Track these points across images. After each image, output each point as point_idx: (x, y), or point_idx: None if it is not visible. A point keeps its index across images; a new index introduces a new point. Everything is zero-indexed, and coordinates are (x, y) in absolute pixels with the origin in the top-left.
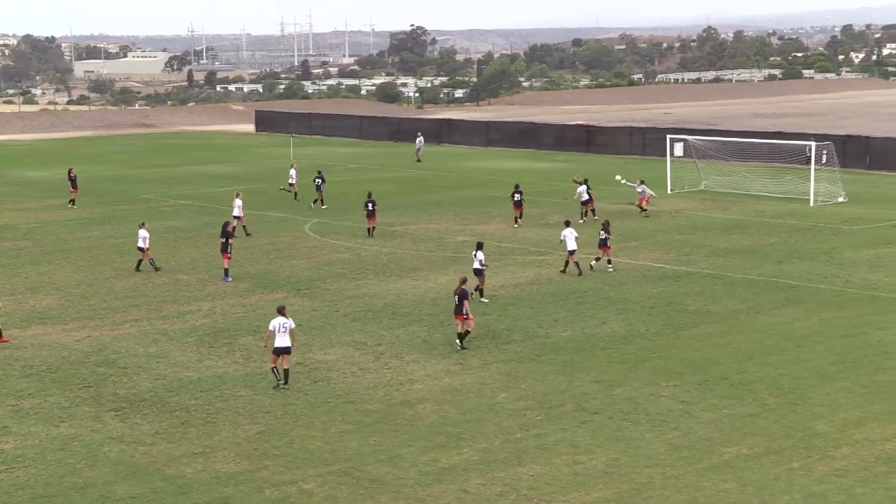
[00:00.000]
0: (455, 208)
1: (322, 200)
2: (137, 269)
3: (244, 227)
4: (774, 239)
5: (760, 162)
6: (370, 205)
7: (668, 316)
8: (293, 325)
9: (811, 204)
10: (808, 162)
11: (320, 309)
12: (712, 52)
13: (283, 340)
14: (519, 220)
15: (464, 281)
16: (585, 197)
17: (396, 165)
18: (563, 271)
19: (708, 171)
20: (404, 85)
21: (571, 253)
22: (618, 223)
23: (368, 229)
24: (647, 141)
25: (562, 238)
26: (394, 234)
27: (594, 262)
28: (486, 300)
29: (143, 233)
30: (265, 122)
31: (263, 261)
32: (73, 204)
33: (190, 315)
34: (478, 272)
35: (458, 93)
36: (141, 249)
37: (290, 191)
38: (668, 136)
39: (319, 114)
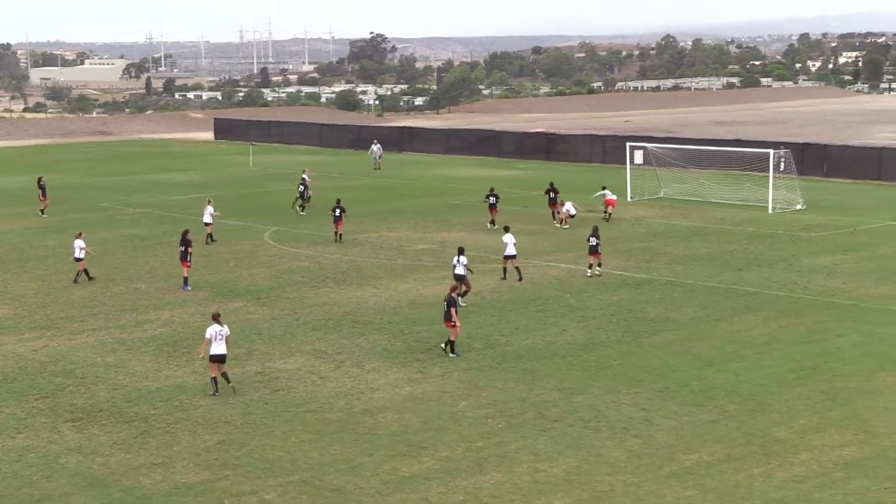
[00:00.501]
0: (415, 216)
1: (304, 206)
2: (76, 280)
3: (209, 234)
4: (734, 246)
5: (719, 169)
6: (338, 210)
7: (628, 323)
8: (228, 333)
9: (770, 211)
10: (767, 169)
11: (280, 317)
12: (671, 60)
13: (219, 348)
14: (493, 224)
15: (453, 289)
16: (573, 211)
17: (357, 173)
18: (504, 278)
19: (668, 178)
20: (364, 92)
21: (509, 258)
22: (580, 231)
23: (338, 234)
24: (608, 149)
25: (505, 243)
26: (354, 242)
27: (589, 270)
28: (464, 304)
29: (79, 243)
30: (224, 129)
31: (223, 269)
32: (44, 213)
33: (148, 324)
34: (460, 277)
35: (418, 100)
36: (78, 260)
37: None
38: (628, 144)
39: (279, 121)
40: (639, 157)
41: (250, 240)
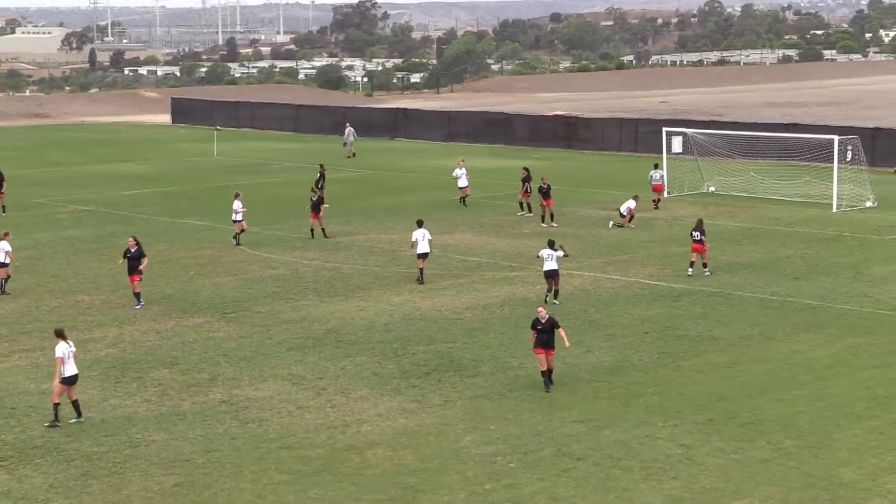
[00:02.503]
0: (411, 215)
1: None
2: (3, 290)
3: (237, 234)
4: (791, 251)
5: (774, 159)
6: (314, 197)
7: (665, 343)
8: (75, 350)
9: (834, 209)
10: (830, 160)
11: (250, 336)
12: (716, 29)
13: (73, 368)
14: (539, 216)
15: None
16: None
17: (341, 164)
18: (421, 281)
19: (711, 170)
20: (350, 68)
21: (421, 257)
22: (605, 232)
23: (322, 229)
24: (640, 135)
25: (413, 240)
26: (338, 246)
27: (690, 269)
28: (557, 302)
29: (4, 245)
30: (183, 111)
31: (181, 278)
32: (4, 210)
33: (93, 344)
34: (551, 274)
35: (415, 77)
36: (2, 266)
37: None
38: (665, 129)
39: (248, 102)
40: (677, 144)
41: (214, 243)
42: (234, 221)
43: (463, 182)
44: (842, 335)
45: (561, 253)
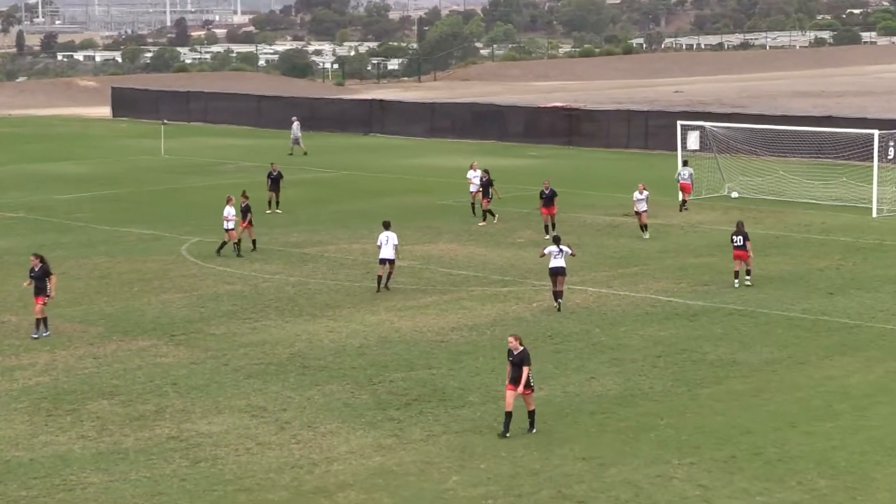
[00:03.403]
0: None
1: (278, 203)
2: None
3: (235, 243)
4: (824, 262)
5: (805, 157)
6: (244, 202)
7: (680, 368)
8: None
9: (874, 214)
10: (870, 158)
11: (203, 361)
12: (738, 8)
13: None
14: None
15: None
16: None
17: (308, 163)
18: (386, 287)
19: (733, 169)
20: (318, 53)
21: (384, 263)
22: (611, 241)
23: (252, 241)
24: (651, 129)
25: (378, 244)
26: (304, 258)
27: (736, 281)
28: (561, 302)
29: None
30: (125, 103)
31: (123, 295)
32: None
33: (20, 371)
34: (557, 272)
35: (393, 64)
36: None
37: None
38: (680, 123)
39: (201, 93)
40: (694, 140)
41: (162, 254)
42: (226, 230)
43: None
44: (883, 358)
45: (569, 250)
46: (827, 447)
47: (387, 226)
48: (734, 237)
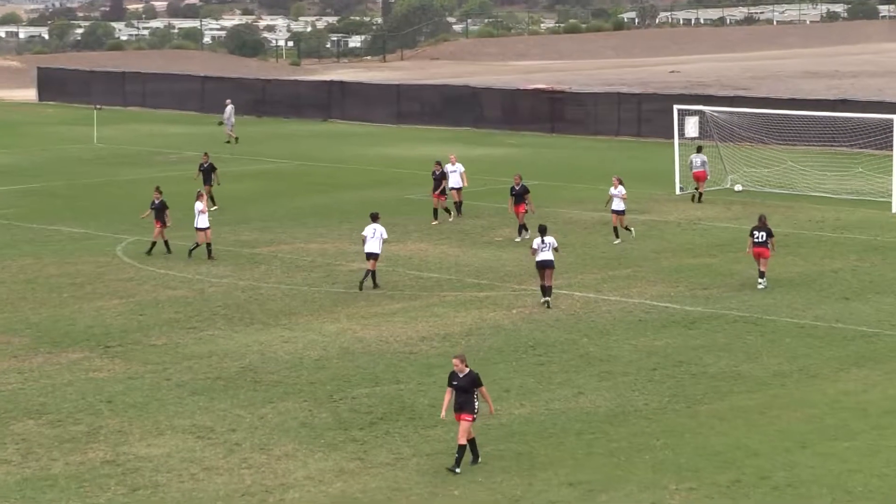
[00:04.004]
0: (350, 218)
1: (212, 199)
2: None
3: (207, 244)
4: (839, 263)
5: (817, 145)
6: (156, 200)
7: (677, 382)
8: None
9: (894, 209)
10: (889, 146)
11: (141, 376)
12: None
13: None
14: (524, 231)
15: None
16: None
17: (260, 153)
18: (374, 285)
19: (737, 159)
20: (270, 29)
21: (371, 257)
22: (600, 240)
23: (164, 243)
24: (644, 114)
25: (363, 235)
26: (256, 260)
27: (761, 281)
28: (549, 298)
29: None
30: (53, 85)
31: (52, 301)
32: None
33: None
34: (545, 265)
35: (355, 41)
36: None
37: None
38: (676, 108)
39: (138, 73)
40: (692, 126)
41: (94, 256)
42: (197, 229)
43: (456, 181)
44: None
45: (554, 243)
46: (842, 470)
47: (374, 217)
48: (755, 232)
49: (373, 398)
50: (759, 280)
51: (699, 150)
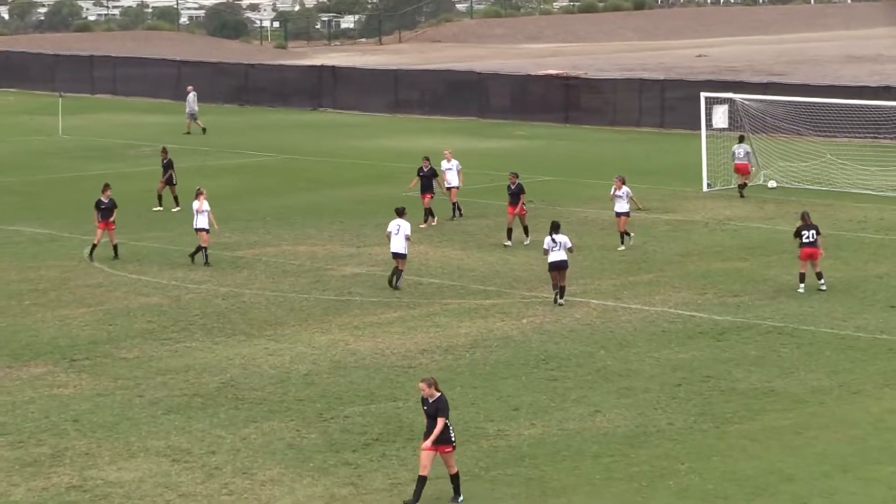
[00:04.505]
0: (342, 218)
1: (176, 199)
2: None
3: (204, 249)
4: (883, 267)
5: (858, 137)
6: (103, 200)
7: (704, 399)
8: None
9: None
10: None
11: (112, 393)
12: None
13: None
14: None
15: (430, 383)
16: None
17: (242, 145)
18: (395, 286)
19: (770, 153)
20: (254, 8)
21: (395, 258)
22: (614, 241)
23: (113, 246)
24: (668, 103)
25: (387, 232)
26: (238, 263)
27: (802, 287)
28: (563, 302)
29: None
30: (13, 71)
31: (12, 310)
32: None
33: None
34: (558, 265)
35: (347, 22)
36: None
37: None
38: (703, 95)
39: (108, 57)
40: (721, 116)
41: (60, 259)
42: (197, 230)
43: (453, 179)
44: None
45: (567, 242)
46: (888, 497)
47: (399, 213)
48: (803, 231)
49: (367, 417)
50: (820, 282)
51: (741, 139)
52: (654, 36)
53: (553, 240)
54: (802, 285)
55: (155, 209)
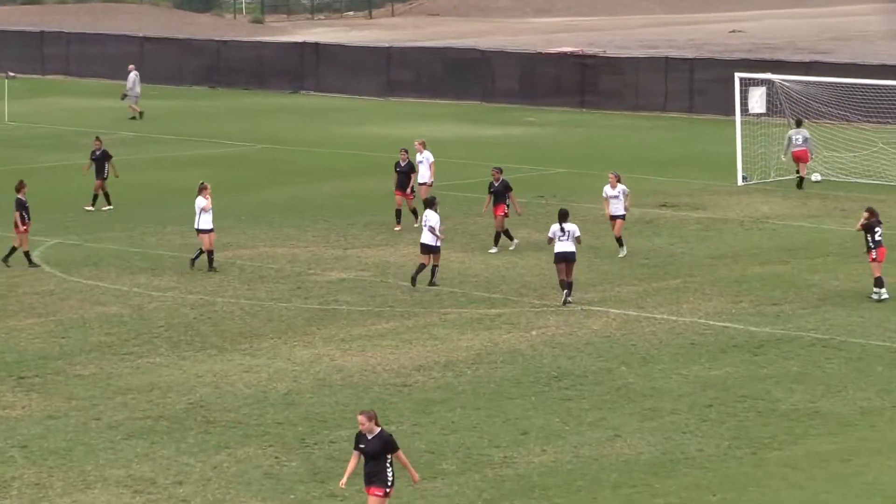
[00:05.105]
0: (327, 216)
1: (107, 196)
2: None
3: (209, 252)
4: None
5: None
6: (19, 199)
7: (739, 422)
8: None
9: None
10: None
11: (64, 415)
12: None
13: None
14: (505, 238)
15: (371, 418)
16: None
17: (212, 133)
18: (431, 283)
19: (814, 141)
20: None
21: (426, 251)
22: (643, 243)
23: (25, 252)
24: (697, 85)
25: (422, 224)
26: (207, 268)
27: (877, 293)
28: (572, 300)
29: None
30: None
31: None
32: None
33: None
34: (565, 257)
35: None
36: None
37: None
38: (738, 76)
39: (61, 33)
40: (758, 100)
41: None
42: (199, 231)
43: (425, 173)
44: None
45: (576, 231)
46: None
47: (429, 203)
48: (878, 228)
49: (353, 443)
50: (881, 291)
51: (799, 123)
52: (682, 8)
53: (562, 228)
54: (880, 291)
55: (87, 209)
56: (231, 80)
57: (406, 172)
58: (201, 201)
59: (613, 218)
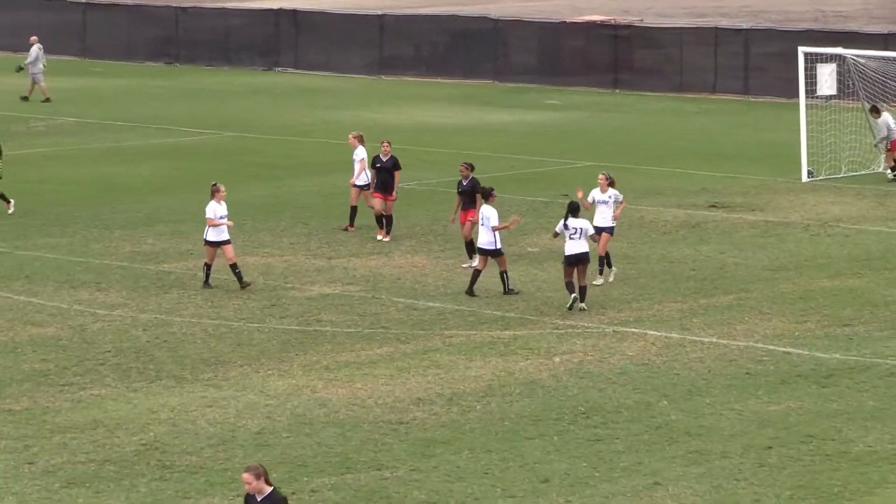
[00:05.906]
0: (307, 219)
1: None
2: None
3: (234, 266)
4: None
5: None
6: None
7: (804, 467)
8: None
9: None
10: None
11: None
12: None
13: None
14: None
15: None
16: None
17: (170, 118)
18: (507, 290)
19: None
20: None
21: (482, 254)
22: (687, 251)
23: None
24: (752, 61)
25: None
26: (164, 281)
27: None
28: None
29: None
30: None
31: None
32: None
33: None
34: (578, 260)
35: None
36: None
37: None
38: (802, 51)
39: None
40: (827, 79)
41: None
42: (215, 244)
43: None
44: None
45: (589, 228)
46: None
47: (486, 195)
48: None
49: (342, 491)
50: None
51: (875, 109)
52: None
53: (566, 225)
54: None
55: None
56: (192, 54)
57: (389, 169)
58: (219, 208)
59: (600, 231)
